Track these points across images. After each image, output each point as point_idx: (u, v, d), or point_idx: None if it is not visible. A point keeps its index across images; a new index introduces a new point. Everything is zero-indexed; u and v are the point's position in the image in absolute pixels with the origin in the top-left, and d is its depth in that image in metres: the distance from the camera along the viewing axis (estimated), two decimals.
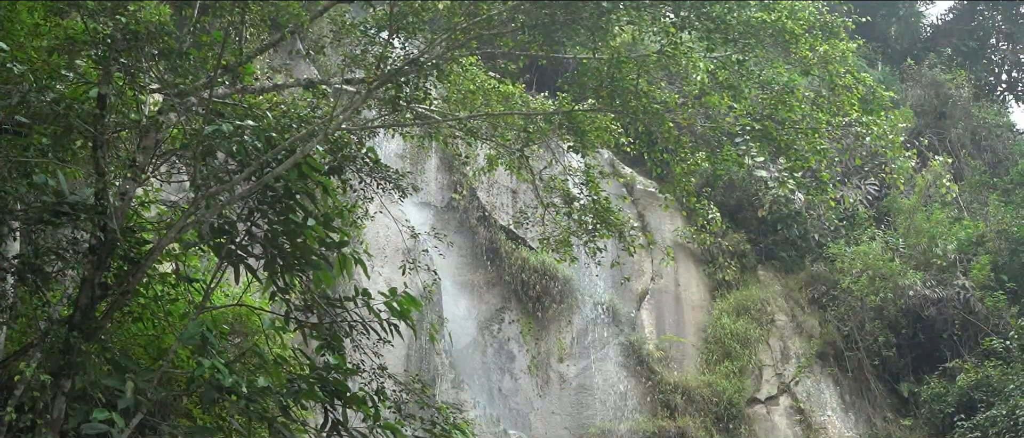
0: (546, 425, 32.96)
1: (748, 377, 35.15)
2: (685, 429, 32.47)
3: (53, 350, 11.66)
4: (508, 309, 34.79)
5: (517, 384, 33.40)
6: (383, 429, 13.78)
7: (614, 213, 21.43)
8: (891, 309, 36.43)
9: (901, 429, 35.48)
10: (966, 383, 33.61)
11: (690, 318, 36.62)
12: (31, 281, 12.63)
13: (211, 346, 11.90)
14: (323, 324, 13.59)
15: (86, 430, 10.80)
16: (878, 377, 37.13)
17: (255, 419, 12.74)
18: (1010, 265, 37.04)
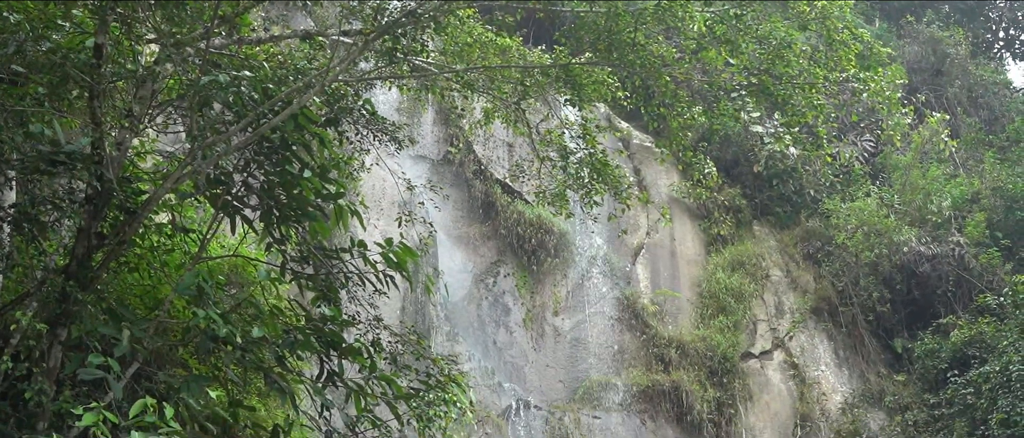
0: (541, 378, 33.07)
1: (742, 332, 35.26)
2: (679, 383, 32.61)
3: (49, 299, 11.67)
4: (503, 263, 34.84)
5: (512, 337, 33.49)
6: (379, 380, 13.83)
7: (610, 167, 21.42)
8: (886, 265, 36.51)
9: (894, 384, 35.61)
10: (960, 339, 33.72)
11: (685, 273, 36.68)
12: (27, 230, 12.62)
13: (207, 296, 11.91)
14: (319, 275, 13.60)
15: (82, 376, 10.83)
16: (872, 333, 37.25)
17: (251, 369, 12.78)
18: (1005, 222, 37.09)
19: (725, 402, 33.49)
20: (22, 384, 11.33)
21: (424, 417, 15.34)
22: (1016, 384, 29.08)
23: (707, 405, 32.92)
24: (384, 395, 14.08)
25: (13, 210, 12.57)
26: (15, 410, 11.47)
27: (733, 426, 33.35)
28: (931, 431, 33.36)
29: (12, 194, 12.93)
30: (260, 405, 14.71)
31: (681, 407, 32.49)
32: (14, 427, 11.28)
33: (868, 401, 35.20)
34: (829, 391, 35.32)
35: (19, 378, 11.39)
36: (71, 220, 12.89)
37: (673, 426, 32.46)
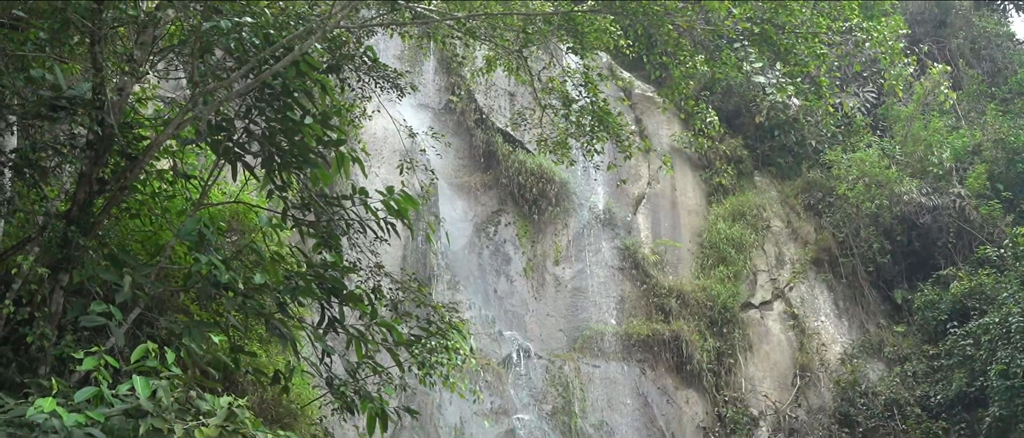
0: (541, 327, 33.14)
1: (743, 282, 35.31)
2: (679, 332, 32.68)
3: (51, 244, 11.69)
4: (504, 212, 34.86)
5: (513, 286, 33.55)
6: (379, 327, 13.87)
7: (612, 115, 21.36)
8: (886, 216, 36.53)
9: (894, 335, 35.70)
10: (959, 291, 33.78)
11: (686, 223, 36.69)
12: (28, 176, 12.63)
13: (208, 243, 11.93)
14: (320, 222, 13.62)
15: (84, 322, 10.86)
16: (872, 284, 37.30)
17: (252, 315, 12.81)
18: (1006, 174, 37.05)
19: (725, 352, 33.59)
20: (24, 329, 11.36)
21: (425, 363, 15.40)
22: (1015, 335, 29.15)
23: (707, 355, 33.02)
24: (385, 342, 14.14)
25: (14, 155, 12.57)
26: (17, 355, 11.51)
27: (732, 376, 33.46)
28: (930, 382, 33.47)
29: (13, 139, 12.93)
30: (261, 351, 14.76)
31: (681, 356, 32.58)
32: (16, 371, 11.33)
33: (867, 352, 35.30)
34: (829, 341, 35.41)
35: (21, 323, 11.43)
36: (72, 165, 12.90)
37: (673, 375, 32.55)
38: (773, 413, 33.08)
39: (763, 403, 33.24)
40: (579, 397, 30.85)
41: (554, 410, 30.29)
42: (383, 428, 13.25)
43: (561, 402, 30.49)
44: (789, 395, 33.74)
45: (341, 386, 14.00)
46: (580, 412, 30.58)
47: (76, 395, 9.49)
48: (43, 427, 8.99)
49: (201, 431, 9.40)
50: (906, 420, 32.86)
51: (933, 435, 32.04)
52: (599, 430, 30.55)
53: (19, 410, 9.37)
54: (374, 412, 13.23)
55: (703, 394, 32.68)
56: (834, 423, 33.32)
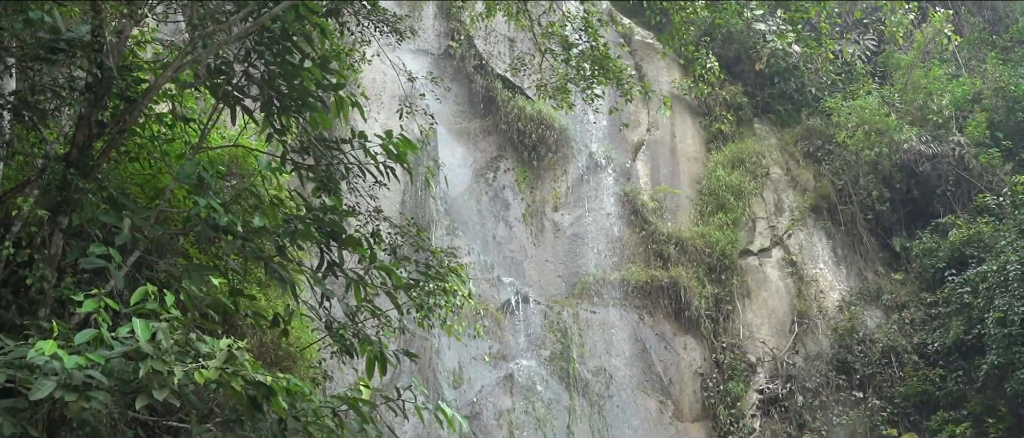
0: (540, 273, 33.21)
1: (741, 229, 35.33)
2: (677, 279, 32.75)
3: (50, 187, 11.70)
4: (504, 157, 34.85)
5: (511, 232, 33.58)
6: (378, 271, 13.89)
7: (612, 60, 21.31)
8: (886, 164, 36.51)
9: (892, 283, 35.77)
10: (958, 239, 33.80)
11: (685, 169, 36.68)
12: (27, 118, 12.61)
13: (207, 186, 11.92)
14: (319, 166, 13.62)
15: (83, 265, 10.87)
16: (870, 231, 37.33)
17: (251, 259, 12.83)
18: (1006, 123, 36.99)
19: (723, 298, 33.67)
20: (24, 271, 11.38)
21: (423, 307, 15.45)
22: (1013, 283, 29.22)
23: (705, 301, 33.11)
24: (384, 285, 14.17)
25: (13, 98, 12.54)
26: (16, 297, 11.54)
27: (731, 322, 33.56)
28: (928, 329, 33.58)
29: (12, 82, 12.89)
30: (260, 294, 14.80)
31: (679, 303, 32.67)
32: (16, 313, 11.36)
33: (865, 299, 35.38)
34: (827, 289, 35.48)
35: (20, 265, 11.45)
36: (71, 108, 12.88)
37: (671, 322, 32.65)
38: (771, 359, 33.21)
39: (761, 349, 33.36)
40: (577, 343, 30.96)
41: (552, 356, 30.41)
42: (382, 371, 13.29)
43: (559, 348, 30.61)
44: (787, 342, 33.86)
45: (340, 329, 14.05)
46: (578, 358, 30.70)
47: (76, 337, 9.52)
48: (44, 369, 9.02)
49: (201, 373, 9.43)
50: (903, 367, 33.01)
51: (930, 382, 32.18)
52: (597, 376, 30.68)
53: (19, 352, 9.40)
54: (373, 355, 13.27)
55: (701, 340, 32.80)
56: (831, 370, 33.46)
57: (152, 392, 9.26)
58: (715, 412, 31.76)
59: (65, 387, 8.94)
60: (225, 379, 9.58)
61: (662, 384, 31.61)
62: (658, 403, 31.23)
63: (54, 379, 8.92)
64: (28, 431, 9.65)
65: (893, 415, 32.40)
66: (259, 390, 9.84)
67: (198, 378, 9.40)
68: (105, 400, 9.13)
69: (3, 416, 9.18)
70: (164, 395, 9.27)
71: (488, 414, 28.32)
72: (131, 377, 9.37)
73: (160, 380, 9.27)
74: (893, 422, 32.30)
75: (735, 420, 31.61)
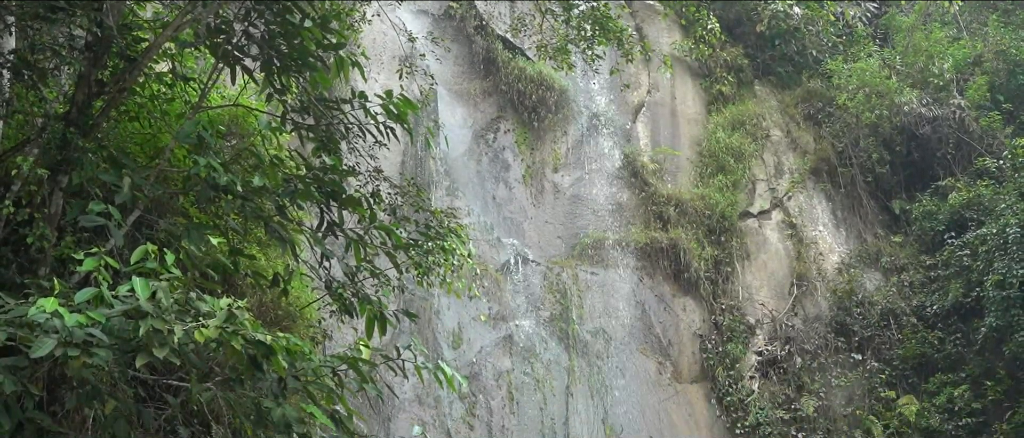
0: (539, 234, 33.23)
1: (741, 191, 35.33)
2: (677, 241, 32.78)
3: (50, 145, 11.69)
4: (504, 119, 34.81)
5: (511, 193, 33.57)
6: (378, 230, 13.90)
7: (613, 20, 21.26)
8: (886, 126, 36.48)
9: (891, 245, 35.81)
10: (958, 202, 33.83)
11: (685, 131, 36.65)
12: (27, 77, 12.59)
13: (207, 145, 11.91)
14: (319, 126, 13.60)
15: (83, 223, 10.87)
16: (870, 194, 37.34)
17: (251, 218, 12.83)
18: (1007, 86, 36.92)
19: (722, 260, 33.71)
20: (23, 230, 11.39)
21: (422, 266, 15.47)
22: (1012, 246, 29.25)
23: (704, 263, 33.15)
24: (383, 245, 14.19)
25: (13, 56, 12.51)
26: (16, 255, 11.56)
27: (730, 284, 33.61)
28: (926, 292, 33.66)
29: (12, 40, 12.86)
30: (260, 254, 14.81)
31: (679, 264, 32.71)
32: (16, 272, 11.37)
33: (865, 261, 35.42)
34: (826, 251, 35.52)
35: (20, 224, 11.45)
36: (71, 67, 12.86)
37: (670, 283, 32.71)
38: (770, 321, 33.28)
39: (760, 311, 33.42)
40: (577, 304, 31.02)
41: (552, 316, 30.47)
42: (381, 331, 13.32)
43: (559, 309, 30.66)
44: (786, 304, 33.92)
45: (339, 289, 14.07)
46: (577, 319, 30.76)
47: (76, 296, 9.53)
48: (44, 327, 9.03)
49: (201, 332, 9.45)
50: (902, 329, 33.09)
51: (928, 345, 32.28)
52: (596, 337, 30.75)
53: (20, 310, 9.42)
54: (372, 315, 13.29)
55: (700, 302, 32.86)
56: (830, 332, 33.54)
57: (152, 350, 9.28)
58: (714, 373, 31.87)
59: (66, 345, 8.96)
60: (225, 338, 9.60)
61: (661, 345, 31.69)
62: (657, 364, 31.32)
63: (55, 337, 8.94)
64: (29, 389, 9.68)
65: (891, 377, 32.51)
66: (259, 349, 9.86)
67: (198, 337, 9.42)
68: (106, 358, 9.15)
69: (4, 374, 9.20)
70: (164, 353, 9.29)
71: (487, 374, 28.41)
72: (131, 336, 9.38)
73: (160, 339, 9.29)
74: (891, 384, 32.41)
75: (734, 381, 31.72)
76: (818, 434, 31.53)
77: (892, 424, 31.32)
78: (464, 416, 27.48)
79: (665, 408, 30.63)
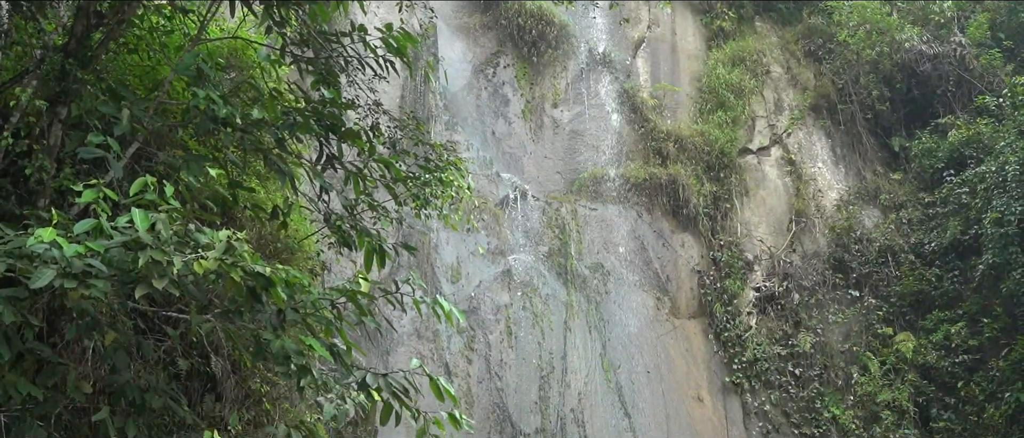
0: (538, 169, 33.22)
1: (741, 127, 35.30)
2: (676, 176, 32.79)
3: (49, 77, 11.64)
4: (503, 53, 34.69)
5: (511, 128, 33.53)
6: (377, 163, 13.90)
7: None
8: (886, 63, 36.40)
9: (890, 183, 35.84)
10: (957, 139, 33.84)
11: (685, 67, 36.55)
12: (26, 8, 12.53)
13: (207, 78, 11.88)
14: (319, 59, 13.55)
15: (82, 155, 10.86)
16: (870, 131, 37.31)
17: (250, 151, 12.81)
18: (1008, 24, 36.81)
19: (721, 196, 33.74)
20: (23, 161, 11.37)
21: (421, 198, 15.48)
22: (1011, 184, 29.27)
23: (703, 199, 33.18)
24: (383, 178, 14.18)
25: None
26: (16, 187, 11.54)
27: (728, 220, 33.66)
28: (925, 229, 33.74)
29: None
30: (259, 187, 14.80)
31: (677, 200, 32.74)
32: (15, 204, 11.37)
33: (863, 198, 35.47)
34: (825, 188, 35.55)
35: (20, 155, 11.44)
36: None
37: (669, 219, 32.74)
38: (768, 258, 33.37)
39: (758, 248, 33.50)
40: (575, 239, 31.07)
41: (550, 251, 30.53)
42: (380, 264, 13.34)
43: (557, 244, 30.71)
44: (784, 240, 33.99)
45: (338, 222, 14.07)
46: (576, 254, 30.82)
47: (75, 227, 9.52)
48: (43, 257, 9.04)
49: (200, 263, 9.46)
50: (900, 266, 33.19)
51: (926, 282, 32.40)
52: (595, 272, 30.83)
53: (19, 241, 9.42)
54: (371, 248, 13.31)
55: (699, 238, 32.92)
56: (828, 268, 33.67)
57: (151, 281, 9.28)
58: (711, 309, 31.99)
59: (65, 275, 8.96)
60: (224, 270, 9.61)
61: (659, 281, 31.78)
62: (655, 299, 31.42)
63: (54, 268, 8.95)
64: (28, 320, 9.71)
65: (889, 314, 32.66)
66: (258, 281, 9.87)
67: (197, 268, 9.43)
68: (104, 289, 9.16)
69: (3, 304, 9.21)
70: (163, 284, 9.30)
71: (486, 309, 28.50)
72: (130, 267, 9.38)
73: (159, 270, 9.29)
74: (888, 321, 32.57)
75: (731, 317, 31.84)
76: (815, 370, 31.71)
77: (889, 360, 31.51)
78: (462, 350, 27.61)
79: (663, 343, 30.76)
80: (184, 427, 12.08)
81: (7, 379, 9.79)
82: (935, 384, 31.08)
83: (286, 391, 14.43)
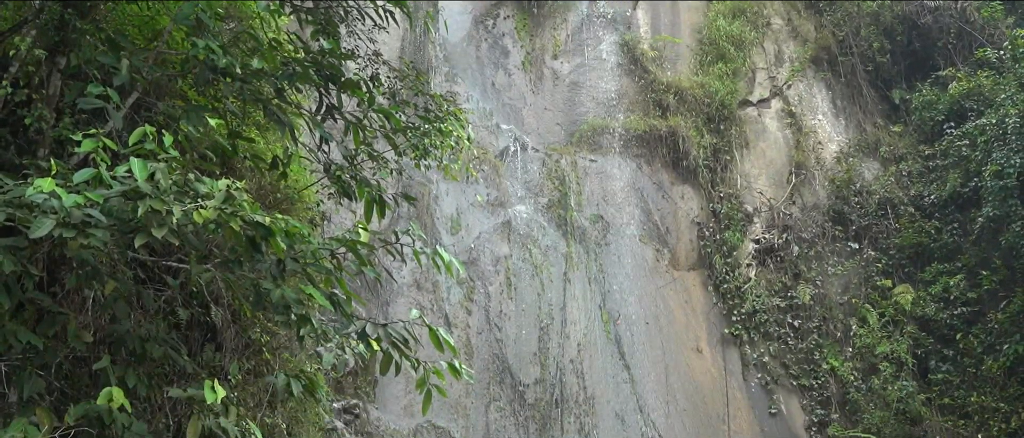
0: (538, 121, 33.19)
1: (741, 79, 35.25)
2: (676, 128, 32.76)
3: (48, 27, 11.61)
4: (503, 4, 34.60)
5: (511, 80, 33.49)
6: (377, 114, 13.88)
7: None
8: (887, 15, 36.31)
9: (890, 135, 35.82)
10: (958, 92, 33.79)
11: (685, 19, 36.44)
12: None
13: (206, 27, 11.84)
14: (318, 9, 13.51)
15: (82, 105, 10.83)
16: (870, 83, 37.26)
17: (249, 101, 12.79)
18: None
19: (721, 148, 33.73)
20: (22, 111, 11.36)
21: (420, 148, 15.46)
22: (1011, 137, 29.25)
23: (703, 151, 33.17)
24: (382, 128, 14.17)
25: None
26: (15, 137, 11.53)
27: (728, 172, 33.66)
28: (924, 182, 33.76)
29: None
30: (259, 137, 14.77)
31: (677, 152, 32.73)
32: (14, 153, 11.36)
33: (863, 151, 35.47)
34: (825, 140, 35.52)
35: (19, 105, 11.42)
36: None
37: (669, 171, 32.74)
38: (767, 210, 33.38)
39: (758, 200, 33.51)
40: (575, 190, 31.08)
41: (550, 203, 30.55)
42: (380, 214, 13.35)
43: (557, 195, 30.73)
44: (784, 192, 34.00)
45: (338, 172, 14.07)
46: (576, 205, 30.84)
47: (74, 176, 9.51)
48: (42, 207, 9.04)
49: (199, 213, 9.45)
50: (899, 219, 33.22)
51: (925, 234, 32.43)
52: (594, 223, 30.85)
53: (18, 191, 9.41)
54: (371, 198, 13.32)
55: (698, 190, 32.93)
56: (828, 221, 33.69)
57: (151, 231, 9.29)
58: (711, 261, 32.04)
59: (64, 225, 8.97)
60: (223, 219, 9.62)
61: (659, 232, 31.81)
62: (654, 251, 31.46)
63: (53, 217, 8.95)
64: (28, 269, 9.73)
65: (888, 266, 32.72)
66: (257, 231, 9.88)
67: (196, 218, 9.43)
68: (104, 238, 9.17)
69: (3, 254, 9.23)
70: (162, 234, 9.30)
71: (485, 260, 28.55)
72: (130, 216, 9.39)
73: (158, 219, 9.29)
74: (887, 273, 32.63)
75: (731, 269, 31.90)
76: (814, 322, 31.80)
77: (887, 312, 31.58)
78: (462, 301, 27.68)
79: (662, 295, 30.83)
80: (184, 376, 12.13)
81: (7, 328, 9.81)
82: (933, 336, 31.17)
83: (286, 341, 14.47)
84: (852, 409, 30.43)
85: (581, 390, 28.14)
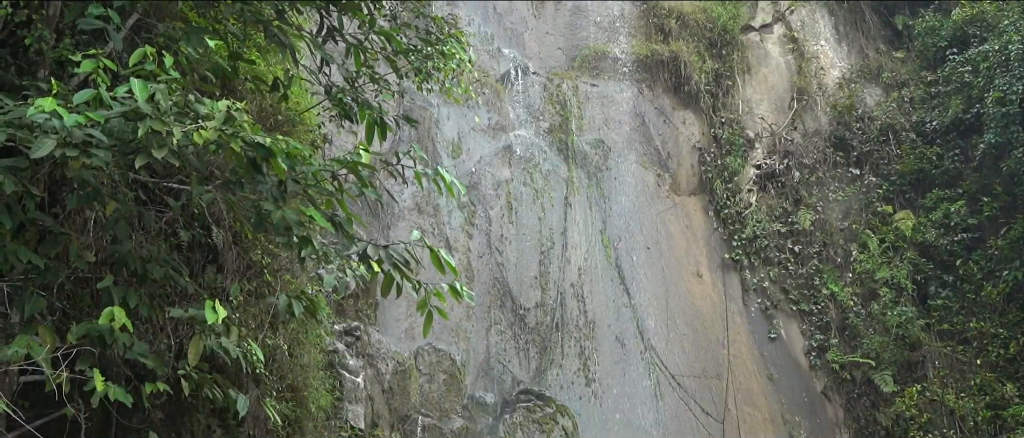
0: (540, 45, 33.07)
1: (743, 4, 35.09)
2: (678, 53, 32.64)
3: None
4: None
5: (512, 4, 33.32)
6: (378, 36, 13.83)
7: None
8: None
9: (893, 61, 35.71)
10: (961, 17, 33.65)
11: None
12: None
13: None
14: None
15: (82, 26, 10.80)
16: (873, 9, 37.10)
17: (250, 22, 12.74)
18: None
19: (723, 74, 33.62)
20: (22, 31, 11.31)
21: (422, 70, 15.42)
22: (1014, 63, 29.17)
23: (705, 76, 33.06)
24: (383, 50, 14.13)
25: None
26: (15, 58, 11.50)
27: (730, 97, 33.57)
28: (927, 108, 33.71)
29: None
30: (260, 59, 14.73)
31: (679, 77, 32.63)
32: (14, 74, 11.33)
33: (866, 77, 35.38)
34: (827, 66, 35.42)
35: (19, 25, 11.37)
36: None
37: (670, 96, 32.66)
38: (769, 135, 33.35)
39: (759, 125, 33.46)
40: (576, 115, 31.02)
41: (551, 127, 30.49)
42: (381, 136, 13.34)
43: (558, 120, 30.67)
44: (785, 118, 33.94)
45: (339, 94, 14.04)
46: (577, 130, 30.80)
47: (75, 97, 9.49)
48: (43, 127, 9.03)
49: (199, 134, 9.44)
50: (901, 145, 33.20)
51: (927, 160, 32.42)
52: (595, 148, 30.82)
53: (19, 111, 9.40)
54: (372, 119, 13.30)
55: (700, 115, 32.86)
56: (829, 146, 33.68)
57: (151, 151, 9.29)
58: (712, 186, 32.04)
59: (65, 145, 8.97)
60: (224, 140, 9.61)
61: (660, 157, 31.79)
62: (655, 176, 31.45)
63: (54, 137, 8.95)
64: (29, 190, 9.74)
65: (889, 192, 32.74)
66: (258, 152, 9.87)
67: (197, 138, 9.41)
68: (105, 158, 9.17)
69: (4, 174, 9.23)
70: (163, 154, 9.30)
71: (486, 184, 28.54)
72: (130, 137, 9.38)
73: (159, 140, 9.29)
74: (888, 199, 32.65)
75: (731, 194, 31.91)
76: (814, 247, 31.87)
77: (888, 238, 31.64)
78: (463, 225, 27.71)
79: (663, 219, 30.86)
80: (185, 297, 12.17)
81: (9, 248, 9.84)
82: (934, 262, 31.26)
83: (287, 262, 14.51)
84: (851, 334, 30.58)
85: (581, 314, 28.24)
